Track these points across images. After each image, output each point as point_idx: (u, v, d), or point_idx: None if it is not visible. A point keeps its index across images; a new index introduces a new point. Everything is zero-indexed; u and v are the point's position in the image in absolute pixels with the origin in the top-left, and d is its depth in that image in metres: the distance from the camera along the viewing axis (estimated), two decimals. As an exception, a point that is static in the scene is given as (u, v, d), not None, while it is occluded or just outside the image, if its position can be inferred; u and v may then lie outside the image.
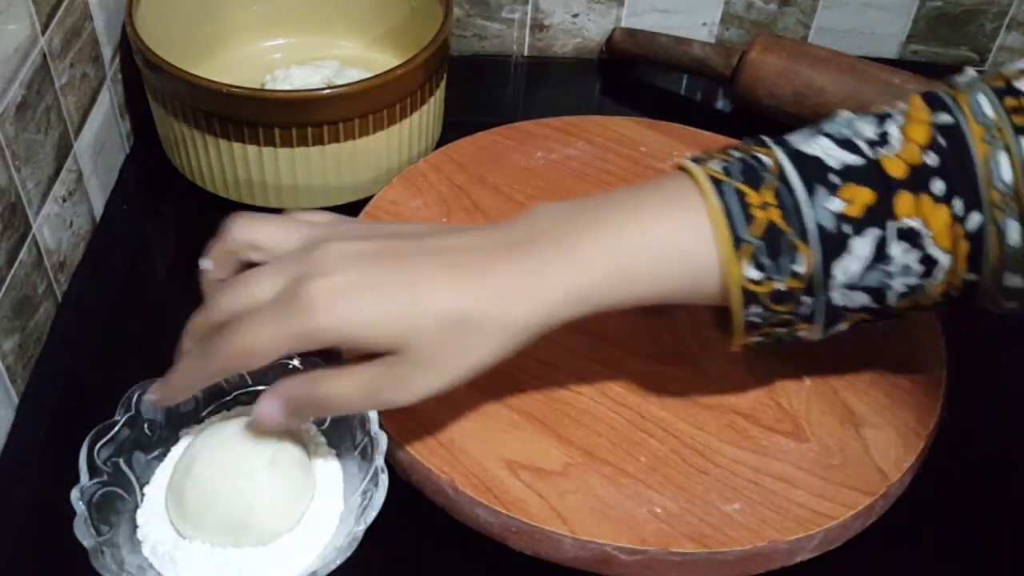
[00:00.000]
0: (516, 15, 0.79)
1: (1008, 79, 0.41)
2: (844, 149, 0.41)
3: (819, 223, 0.40)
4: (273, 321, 0.40)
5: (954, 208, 0.40)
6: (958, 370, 0.51)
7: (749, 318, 0.42)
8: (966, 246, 0.41)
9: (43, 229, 0.56)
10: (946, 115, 0.41)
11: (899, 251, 0.41)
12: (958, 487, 0.51)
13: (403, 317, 0.40)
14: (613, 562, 0.44)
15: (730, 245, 0.41)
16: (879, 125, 0.42)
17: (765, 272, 0.41)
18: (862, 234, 0.40)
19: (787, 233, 0.40)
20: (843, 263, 0.41)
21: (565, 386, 0.50)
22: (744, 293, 0.41)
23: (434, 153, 0.64)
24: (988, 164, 0.40)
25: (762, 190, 0.41)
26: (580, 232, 0.42)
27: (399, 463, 0.47)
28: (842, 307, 0.42)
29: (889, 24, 0.81)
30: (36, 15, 0.54)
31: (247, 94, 0.60)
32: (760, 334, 0.43)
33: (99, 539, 0.41)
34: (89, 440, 0.43)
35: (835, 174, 0.41)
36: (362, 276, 0.40)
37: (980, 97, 0.41)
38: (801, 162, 0.41)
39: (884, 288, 0.42)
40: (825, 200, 0.40)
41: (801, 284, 0.41)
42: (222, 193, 0.65)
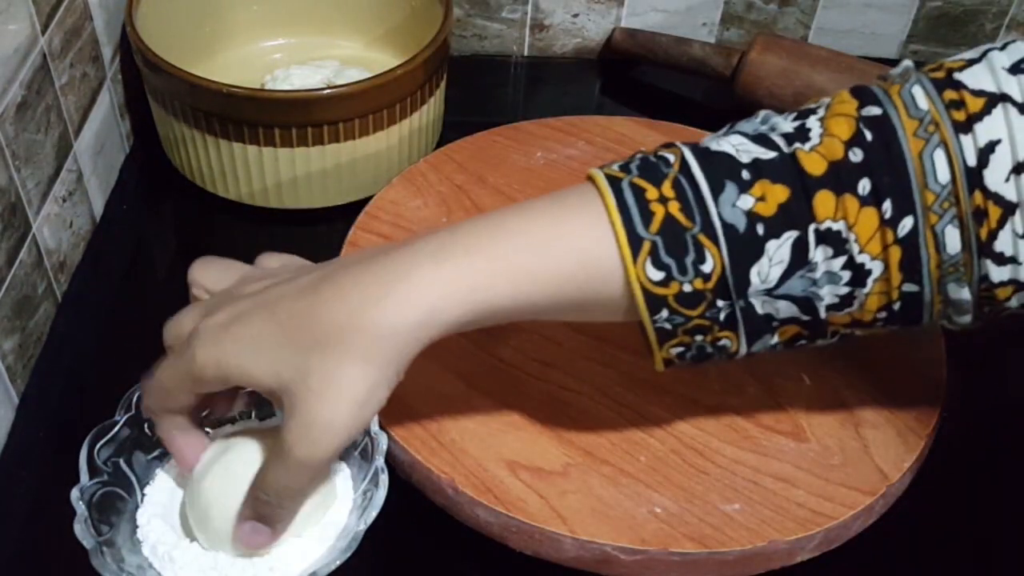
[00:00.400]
0: (516, 15, 0.79)
1: (950, 69, 0.38)
2: (757, 144, 0.38)
3: (727, 220, 0.37)
4: (172, 363, 0.41)
5: (883, 211, 0.37)
6: (958, 370, 0.51)
7: (660, 324, 0.39)
8: (898, 252, 0.37)
9: (43, 229, 0.56)
10: (875, 107, 0.38)
11: (821, 256, 0.37)
12: (958, 487, 0.51)
13: (272, 352, 0.38)
14: (613, 562, 0.44)
15: (627, 243, 0.37)
16: (798, 119, 0.39)
17: (668, 272, 0.38)
18: (778, 236, 0.37)
19: (689, 229, 0.37)
20: (759, 267, 0.37)
21: (565, 386, 0.50)
22: (648, 296, 0.38)
23: (434, 153, 0.64)
24: (922, 162, 0.36)
25: (662, 184, 0.38)
26: (467, 235, 0.39)
27: (399, 463, 0.47)
28: (766, 316, 0.39)
29: (889, 24, 0.81)
30: (36, 15, 0.54)
31: (247, 94, 0.60)
32: (678, 343, 0.40)
33: (99, 539, 0.41)
34: (89, 440, 0.43)
35: (746, 169, 0.38)
36: (235, 312, 0.39)
37: (915, 88, 0.37)
38: (707, 158, 0.38)
39: (811, 297, 0.38)
40: (734, 197, 0.37)
41: (710, 285, 0.38)
42: (222, 193, 0.65)
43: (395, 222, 0.59)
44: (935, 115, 0.37)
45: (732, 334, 0.40)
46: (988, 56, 0.38)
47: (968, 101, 0.36)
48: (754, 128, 0.40)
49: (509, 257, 0.38)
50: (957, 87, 0.37)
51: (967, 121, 0.36)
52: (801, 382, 0.50)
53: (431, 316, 0.38)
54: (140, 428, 0.45)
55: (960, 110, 0.36)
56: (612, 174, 0.39)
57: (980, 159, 0.36)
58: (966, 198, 0.36)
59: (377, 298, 0.38)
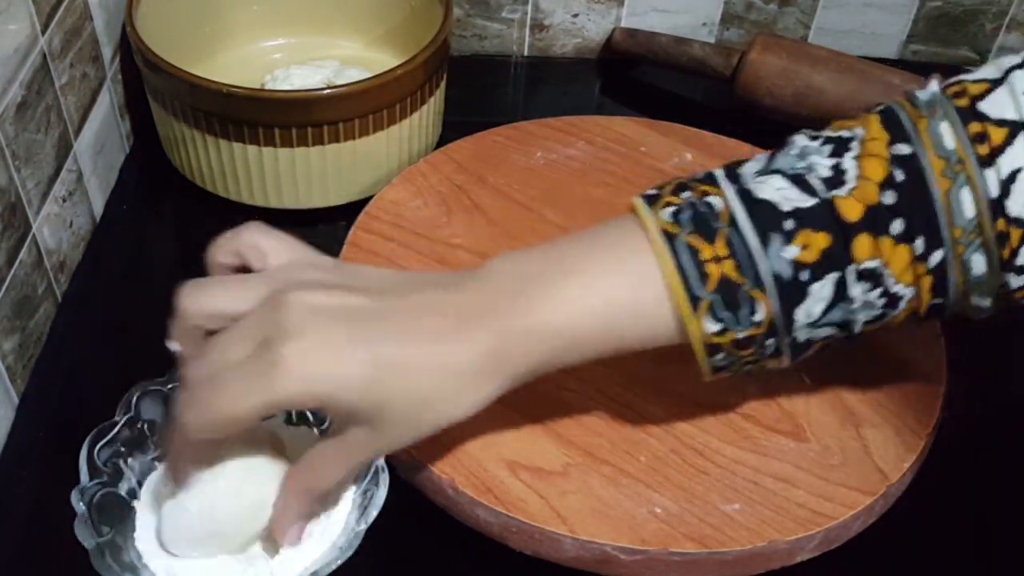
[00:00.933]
0: (516, 15, 0.79)
1: (973, 98, 0.39)
2: (797, 188, 0.40)
3: (775, 272, 0.39)
4: (247, 387, 0.38)
5: (915, 247, 0.39)
6: (958, 370, 0.51)
7: (715, 363, 0.42)
8: (929, 280, 0.40)
9: (43, 229, 0.56)
10: (904, 146, 0.40)
11: (859, 291, 0.40)
12: (958, 487, 0.51)
13: (375, 381, 0.38)
14: (613, 562, 0.44)
15: (687, 304, 0.40)
16: (834, 156, 0.41)
17: (724, 324, 0.40)
18: (821, 279, 0.40)
19: (742, 285, 0.40)
20: (804, 307, 0.40)
21: (565, 386, 0.50)
22: (706, 345, 0.41)
23: (434, 153, 0.64)
24: (949, 201, 0.39)
25: (715, 242, 0.40)
26: (536, 305, 0.41)
27: (399, 463, 0.47)
28: (806, 342, 0.42)
29: (889, 24, 0.81)
30: (36, 15, 0.54)
31: (247, 94, 0.60)
32: (728, 371, 0.43)
33: (99, 539, 0.41)
34: (89, 441, 0.43)
35: (789, 218, 0.40)
36: (332, 337, 0.38)
37: (942, 125, 0.39)
38: (753, 208, 0.40)
39: (850, 322, 0.41)
40: (780, 248, 0.39)
41: (762, 330, 0.41)
42: (222, 193, 0.65)
43: (395, 222, 0.59)
44: (961, 153, 0.39)
45: (777, 360, 0.43)
46: (1010, 79, 0.39)
47: (991, 134, 0.38)
48: (792, 166, 0.41)
49: (576, 329, 0.41)
50: (981, 119, 0.39)
51: (990, 155, 0.38)
52: (801, 382, 0.50)
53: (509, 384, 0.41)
54: (140, 429, 0.46)
55: (984, 143, 0.38)
56: (665, 228, 0.41)
57: (1003, 189, 0.38)
58: (990, 225, 0.39)
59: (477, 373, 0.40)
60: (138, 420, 0.45)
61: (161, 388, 0.46)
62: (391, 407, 0.39)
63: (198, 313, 0.41)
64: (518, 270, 0.42)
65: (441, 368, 0.40)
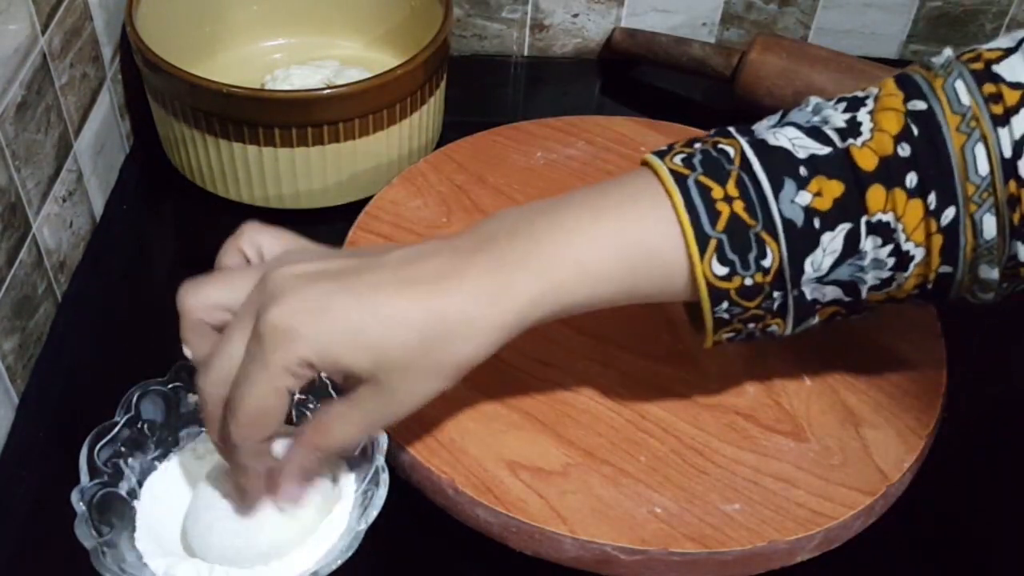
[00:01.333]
0: (516, 15, 0.79)
1: (988, 61, 0.39)
2: (812, 138, 0.40)
3: (786, 217, 0.39)
4: (256, 375, 0.38)
5: (928, 202, 0.39)
6: (958, 370, 0.51)
7: (719, 314, 0.41)
8: (940, 239, 0.39)
9: (43, 229, 0.56)
10: (920, 102, 0.40)
11: (871, 245, 0.40)
12: (958, 487, 0.51)
13: (376, 331, 0.38)
14: (613, 562, 0.44)
15: (695, 241, 0.39)
16: (849, 111, 0.41)
17: (732, 267, 0.40)
18: (832, 228, 0.39)
19: (752, 227, 0.39)
20: (813, 257, 0.40)
21: (565, 386, 0.50)
22: (712, 289, 0.40)
23: (434, 153, 0.64)
24: (964, 156, 0.38)
25: (726, 183, 0.40)
26: (543, 235, 0.41)
27: (399, 463, 0.47)
28: (813, 301, 0.41)
29: (889, 24, 0.81)
30: (36, 15, 0.54)
31: (247, 94, 0.60)
32: (731, 330, 0.42)
33: (99, 539, 0.41)
34: (89, 441, 0.43)
35: (803, 165, 0.39)
36: (322, 294, 0.38)
37: (957, 83, 0.39)
38: (766, 154, 0.40)
39: (857, 282, 0.41)
40: (792, 193, 0.39)
41: (769, 278, 0.40)
42: (222, 193, 0.65)
43: (395, 222, 0.59)
44: (976, 110, 0.38)
45: (781, 320, 0.42)
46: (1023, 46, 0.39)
47: (1006, 95, 0.38)
48: (807, 119, 0.41)
49: (585, 264, 0.40)
50: (995, 80, 0.39)
51: (1004, 114, 0.38)
52: (801, 382, 0.50)
53: (522, 320, 0.40)
54: (140, 429, 0.46)
55: (998, 103, 0.38)
56: (677, 170, 0.41)
57: (1015, 150, 0.38)
58: (1002, 187, 0.38)
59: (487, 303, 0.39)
60: (138, 420, 0.45)
61: (161, 388, 0.46)
62: (389, 357, 0.38)
63: (198, 307, 0.41)
64: (522, 211, 0.42)
65: (438, 311, 0.39)
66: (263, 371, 0.38)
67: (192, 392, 0.47)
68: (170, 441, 0.47)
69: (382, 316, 0.38)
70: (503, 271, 0.40)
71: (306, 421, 0.44)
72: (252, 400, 0.38)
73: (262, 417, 0.39)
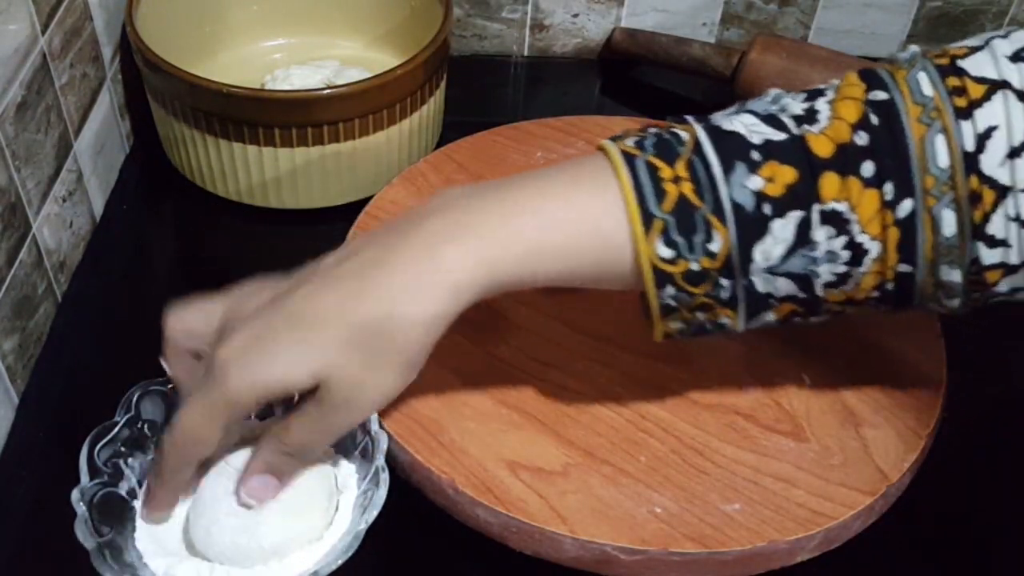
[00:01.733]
0: (516, 15, 0.79)
1: (953, 56, 0.39)
2: (768, 125, 0.39)
3: (736, 200, 0.38)
4: (200, 402, 0.40)
5: (884, 193, 0.38)
6: (958, 370, 0.51)
7: (665, 300, 0.40)
8: (896, 233, 0.38)
9: (43, 229, 0.56)
10: (881, 92, 0.39)
11: (823, 235, 0.38)
12: (958, 487, 0.51)
13: (308, 343, 0.39)
14: (613, 562, 0.44)
15: (639, 220, 0.39)
16: (807, 101, 0.40)
17: (677, 250, 0.39)
18: (783, 216, 0.38)
19: (700, 209, 0.38)
20: (763, 246, 0.39)
21: (565, 386, 0.50)
22: (657, 272, 0.39)
23: (434, 153, 0.64)
24: (923, 147, 0.37)
25: (676, 164, 0.39)
26: (483, 210, 0.40)
27: (399, 463, 0.47)
28: (766, 294, 0.40)
29: (889, 24, 0.81)
30: (36, 15, 0.54)
31: (247, 94, 0.60)
32: (680, 319, 0.41)
33: (100, 540, 0.41)
34: (89, 441, 0.43)
35: (756, 150, 0.39)
36: (256, 329, 0.40)
37: (920, 75, 0.38)
38: (720, 137, 0.39)
39: (810, 275, 0.39)
40: (743, 177, 0.38)
41: (717, 264, 0.39)
42: (222, 193, 0.65)
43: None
44: (938, 102, 0.38)
45: (732, 312, 0.41)
46: (991, 44, 0.39)
47: (970, 88, 0.38)
48: (764, 108, 0.41)
49: (527, 237, 0.40)
50: (960, 74, 0.38)
51: (968, 107, 0.37)
52: (801, 382, 0.50)
53: (457, 297, 0.39)
54: (140, 429, 0.46)
55: (962, 96, 0.38)
56: (627, 150, 0.40)
57: (978, 145, 0.37)
58: (963, 182, 0.37)
59: (405, 286, 0.39)
60: (138, 420, 0.45)
61: (161, 388, 0.46)
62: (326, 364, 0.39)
63: (175, 331, 0.43)
64: (464, 189, 0.41)
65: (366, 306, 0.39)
66: (207, 405, 0.40)
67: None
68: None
69: (311, 325, 0.39)
70: (435, 249, 0.39)
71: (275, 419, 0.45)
72: (191, 427, 0.40)
73: (194, 443, 0.41)
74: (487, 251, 0.39)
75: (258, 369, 0.39)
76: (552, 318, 0.53)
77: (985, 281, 0.39)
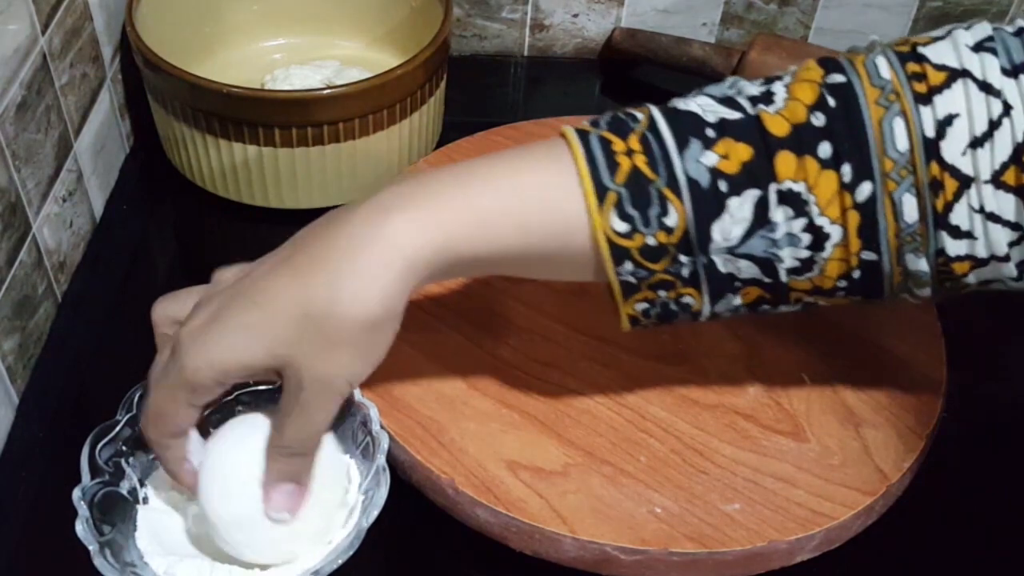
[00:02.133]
0: (516, 15, 0.79)
1: (915, 44, 0.39)
2: (723, 106, 0.39)
3: (690, 175, 0.38)
4: (162, 383, 0.40)
5: (842, 174, 0.37)
6: (958, 370, 0.51)
7: (624, 277, 0.40)
8: (856, 218, 0.38)
9: (43, 229, 0.56)
10: (839, 75, 0.38)
11: (782, 216, 0.38)
12: (958, 487, 0.51)
13: (260, 335, 0.38)
14: (613, 562, 0.44)
15: (592, 191, 0.38)
16: (765, 84, 0.40)
17: (632, 224, 0.38)
18: (740, 194, 0.38)
19: (654, 181, 0.38)
20: (721, 224, 0.38)
21: (565, 386, 0.50)
22: (612, 247, 0.39)
23: (434, 153, 0.64)
24: (881, 129, 0.37)
25: (629, 138, 0.39)
26: (438, 179, 0.39)
27: (400, 463, 0.47)
28: (728, 275, 0.40)
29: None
30: (36, 15, 0.54)
31: (247, 94, 0.60)
32: (643, 298, 0.40)
33: (101, 539, 0.41)
34: (91, 440, 0.43)
35: (711, 128, 0.38)
36: (214, 310, 0.39)
37: (879, 59, 0.38)
38: (674, 115, 0.39)
39: (772, 259, 0.39)
40: (698, 153, 0.38)
41: (674, 239, 0.38)
42: (222, 193, 0.65)
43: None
44: (896, 85, 0.38)
45: (695, 291, 0.40)
46: (953, 34, 0.39)
47: (930, 74, 0.38)
48: (721, 92, 0.40)
49: (477, 206, 0.39)
50: (920, 60, 0.38)
51: (928, 93, 0.37)
52: (801, 382, 0.50)
53: (406, 273, 0.38)
54: (140, 428, 0.46)
55: (921, 82, 0.38)
56: (581, 128, 0.40)
57: (938, 131, 0.37)
58: (923, 167, 0.37)
59: (353, 265, 0.38)
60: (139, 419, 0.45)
61: (161, 388, 0.46)
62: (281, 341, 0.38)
63: (158, 319, 0.43)
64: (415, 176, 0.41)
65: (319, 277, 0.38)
66: (168, 384, 0.40)
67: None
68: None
69: (262, 307, 0.38)
70: (384, 220, 0.38)
71: None
72: (154, 401, 0.41)
73: (159, 418, 0.41)
74: (437, 219, 0.38)
75: (213, 349, 0.39)
76: (552, 319, 0.53)
77: (953, 272, 0.39)
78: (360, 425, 0.46)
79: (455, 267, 0.40)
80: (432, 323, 0.53)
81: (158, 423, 0.41)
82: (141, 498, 0.45)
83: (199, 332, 0.39)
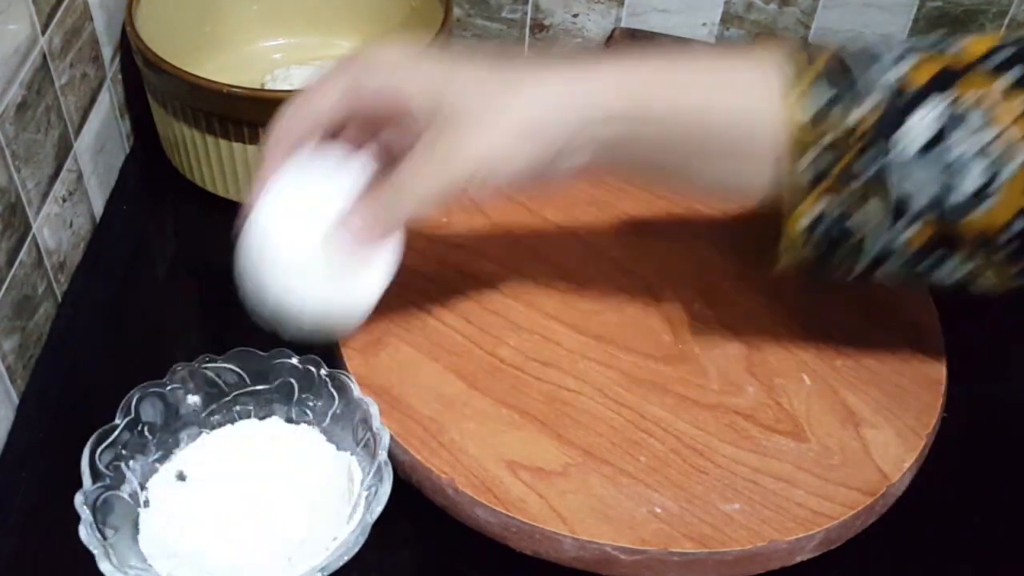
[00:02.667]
0: (516, 15, 0.79)
1: None
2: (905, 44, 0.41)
3: (882, 80, 0.39)
4: (331, 76, 0.45)
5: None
6: (958, 370, 0.51)
7: (802, 169, 0.40)
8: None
9: (43, 229, 0.56)
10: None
11: (962, 134, 0.39)
12: (958, 487, 0.51)
13: (441, 73, 0.41)
14: (613, 562, 0.44)
15: (785, 77, 0.40)
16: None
17: (823, 106, 0.39)
18: (924, 106, 0.39)
19: (846, 78, 0.39)
20: (904, 131, 0.39)
21: (565, 386, 0.50)
22: (796, 138, 0.40)
23: (434, 153, 0.64)
24: None
25: (825, 49, 0.41)
26: (627, 58, 0.42)
27: (400, 463, 0.47)
28: (905, 195, 0.39)
29: (889, 24, 0.80)
30: (36, 15, 0.54)
31: (247, 94, 0.60)
32: (825, 191, 0.40)
33: (104, 542, 0.41)
34: (91, 444, 0.43)
35: (903, 45, 0.40)
36: (409, 49, 0.44)
37: None
38: (867, 45, 0.41)
39: (949, 183, 0.39)
40: (890, 63, 0.39)
41: (862, 131, 0.39)
42: (222, 193, 0.65)
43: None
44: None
45: (879, 202, 0.40)
46: None
47: None
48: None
49: (667, 70, 0.42)
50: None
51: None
52: (801, 382, 0.50)
53: (592, 106, 0.41)
54: (140, 431, 0.46)
55: None
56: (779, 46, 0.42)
57: None
58: None
59: (552, 76, 0.41)
60: (138, 422, 0.45)
61: (161, 389, 0.46)
62: (453, 89, 0.41)
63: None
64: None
65: (510, 68, 0.41)
66: (335, 78, 0.45)
67: (191, 394, 0.47)
68: (170, 443, 0.47)
69: (450, 66, 0.42)
70: (583, 67, 0.41)
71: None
72: (314, 92, 0.46)
73: (311, 103, 0.46)
74: (628, 76, 0.41)
75: (391, 61, 0.44)
76: (552, 318, 0.53)
77: None
78: (360, 422, 0.46)
79: (629, 129, 0.41)
80: (432, 323, 0.53)
81: (305, 104, 0.45)
82: (142, 501, 0.45)
83: (390, 51, 0.44)
